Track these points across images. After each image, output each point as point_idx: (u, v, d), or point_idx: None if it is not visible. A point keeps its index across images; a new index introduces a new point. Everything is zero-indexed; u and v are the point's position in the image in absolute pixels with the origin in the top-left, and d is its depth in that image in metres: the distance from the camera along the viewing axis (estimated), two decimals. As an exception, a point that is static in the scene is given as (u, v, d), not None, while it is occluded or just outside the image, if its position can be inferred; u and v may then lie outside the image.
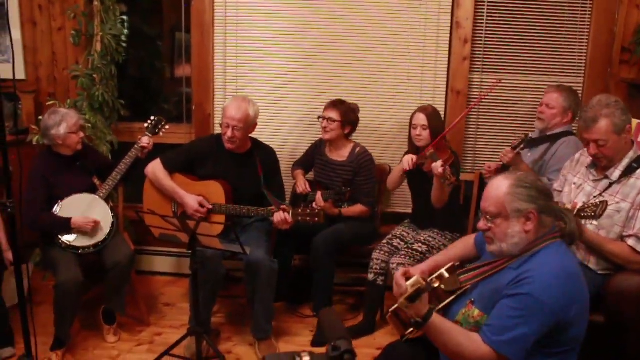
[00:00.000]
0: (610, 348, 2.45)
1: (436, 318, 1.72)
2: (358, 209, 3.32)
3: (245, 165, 3.22)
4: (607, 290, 2.37)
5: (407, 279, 1.92)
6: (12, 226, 1.82)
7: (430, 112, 3.16)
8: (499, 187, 1.83)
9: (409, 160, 3.10)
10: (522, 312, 1.69)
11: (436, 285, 1.73)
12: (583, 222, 2.34)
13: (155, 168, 3.22)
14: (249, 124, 3.11)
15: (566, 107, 3.10)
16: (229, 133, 3.07)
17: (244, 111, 3.07)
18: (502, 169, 3.24)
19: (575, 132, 3.30)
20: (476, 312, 1.85)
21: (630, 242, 2.35)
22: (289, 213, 2.95)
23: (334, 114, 3.29)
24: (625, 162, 2.45)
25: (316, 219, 2.91)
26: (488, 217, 1.86)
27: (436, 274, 2.00)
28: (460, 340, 1.74)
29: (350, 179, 3.35)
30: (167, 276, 4.02)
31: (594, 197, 2.46)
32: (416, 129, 3.17)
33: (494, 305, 1.78)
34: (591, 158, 2.61)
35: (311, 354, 1.15)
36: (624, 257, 2.35)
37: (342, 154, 3.41)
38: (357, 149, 3.40)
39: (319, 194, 3.11)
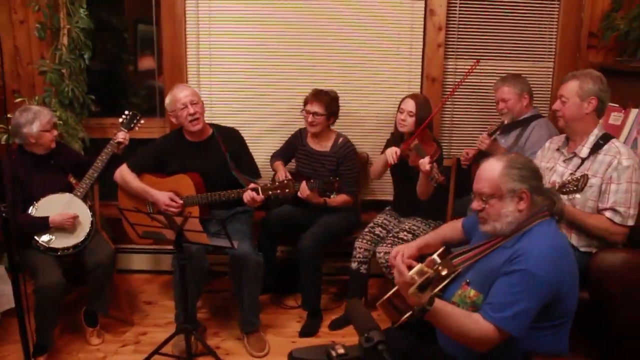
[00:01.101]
0: (595, 324, 2.54)
1: (438, 303, 1.74)
2: (342, 198, 3.32)
3: (209, 151, 3.21)
4: (591, 268, 2.45)
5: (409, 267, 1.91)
6: (5, 231, 1.74)
7: (420, 101, 3.16)
8: (493, 168, 1.90)
9: (393, 153, 3.08)
10: (521, 287, 1.74)
11: (444, 272, 1.74)
12: (564, 197, 2.42)
13: (123, 172, 3.19)
14: (200, 98, 3.15)
15: (518, 92, 3.20)
16: (191, 109, 3.07)
17: (190, 88, 3.16)
18: (480, 155, 3.31)
19: (544, 114, 3.40)
20: (472, 292, 1.90)
21: (608, 214, 2.47)
22: (258, 191, 2.94)
23: (319, 108, 3.26)
24: (591, 139, 2.58)
25: (287, 190, 2.92)
26: (483, 197, 1.91)
27: (428, 260, 2.02)
28: (463, 322, 1.77)
29: (334, 169, 3.34)
30: (145, 274, 3.94)
31: (570, 174, 2.56)
32: (402, 113, 3.17)
33: (491, 285, 1.82)
34: (560, 142, 2.72)
35: (344, 346, 1.15)
36: (605, 228, 2.47)
37: (325, 144, 3.40)
38: (340, 139, 3.39)
39: (303, 183, 3.10)
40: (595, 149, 2.55)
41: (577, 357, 2.24)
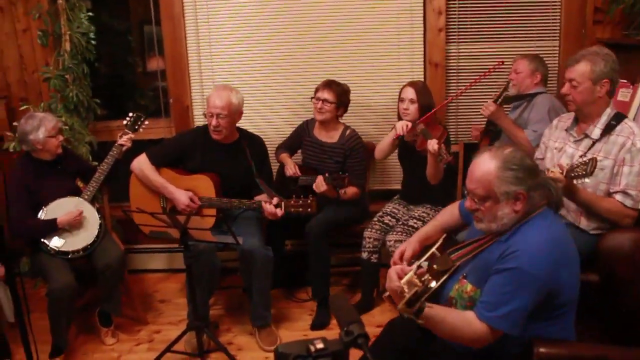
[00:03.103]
0: (605, 306, 2.49)
1: (428, 312, 1.68)
2: (352, 191, 3.27)
3: (234, 156, 3.17)
4: (600, 249, 2.39)
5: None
6: (0, 237, 1.77)
7: (419, 87, 3.14)
8: (486, 168, 1.78)
9: (404, 125, 3.05)
10: (513, 286, 1.70)
11: (432, 284, 1.71)
12: (574, 181, 2.35)
13: (142, 163, 3.15)
14: (233, 111, 3.05)
15: (533, 69, 3.19)
16: (214, 122, 3.03)
17: (226, 99, 3.02)
18: (486, 129, 3.29)
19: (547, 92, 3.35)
20: (469, 287, 1.86)
21: (619, 197, 2.39)
22: (281, 206, 2.93)
23: (329, 96, 3.24)
24: (603, 119, 2.48)
25: (309, 209, 2.89)
26: (476, 199, 1.82)
27: (428, 254, 1.99)
28: (456, 325, 1.75)
29: (341, 161, 3.32)
30: (160, 273, 3.98)
31: (581, 156, 2.49)
32: (404, 102, 3.15)
33: (486, 280, 1.79)
34: (569, 121, 2.64)
35: (324, 340, 1.14)
36: (617, 212, 2.40)
37: (332, 136, 3.37)
38: (348, 131, 3.36)
39: (319, 178, 3.06)
40: (608, 129, 2.45)
41: (586, 342, 2.19)
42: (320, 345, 1.12)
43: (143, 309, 3.39)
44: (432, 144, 2.83)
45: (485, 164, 1.79)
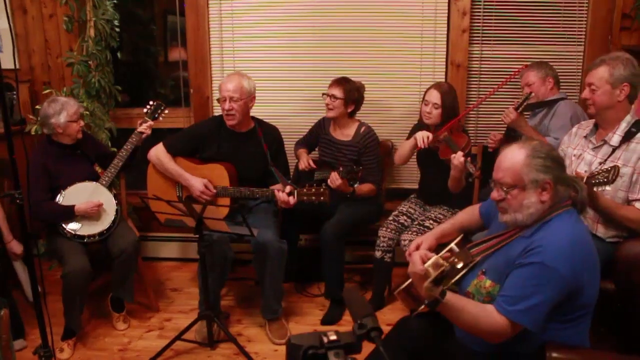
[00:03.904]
0: (620, 314, 2.46)
1: (450, 296, 1.71)
2: (368, 187, 3.27)
3: (249, 145, 3.19)
4: (617, 257, 2.37)
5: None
6: (20, 217, 1.79)
7: (445, 91, 3.09)
8: (515, 157, 1.81)
9: (425, 137, 3.02)
10: (535, 280, 1.69)
11: (459, 265, 1.71)
12: (595, 189, 2.32)
13: (158, 152, 3.18)
14: (245, 95, 3.07)
15: (542, 76, 3.18)
16: (227, 105, 3.05)
17: (237, 82, 3.06)
18: (506, 135, 3.26)
19: (572, 99, 3.31)
20: (488, 282, 1.85)
21: (638, 205, 2.36)
22: (294, 194, 2.93)
23: (337, 92, 3.24)
24: (623, 126, 2.46)
25: (322, 198, 2.89)
26: (504, 188, 1.83)
27: (446, 249, 1.99)
28: (476, 314, 1.74)
29: (356, 158, 3.31)
30: (173, 261, 4.02)
31: (599, 164, 2.46)
32: (427, 105, 3.11)
33: (507, 276, 1.78)
34: (588, 129, 2.62)
35: (337, 332, 1.14)
36: (636, 220, 2.36)
37: (347, 133, 3.37)
38: (363, 129, 3.35)
39: (334, 173, 3.05)
40: (628, 136, 2.43)
41: (601, 349, 2.16)
42: (333, 337, 1.12)
43: (155, 296, 3.41)
44: (458, 158, 2.80)
45: (514, 153, 1.82)
